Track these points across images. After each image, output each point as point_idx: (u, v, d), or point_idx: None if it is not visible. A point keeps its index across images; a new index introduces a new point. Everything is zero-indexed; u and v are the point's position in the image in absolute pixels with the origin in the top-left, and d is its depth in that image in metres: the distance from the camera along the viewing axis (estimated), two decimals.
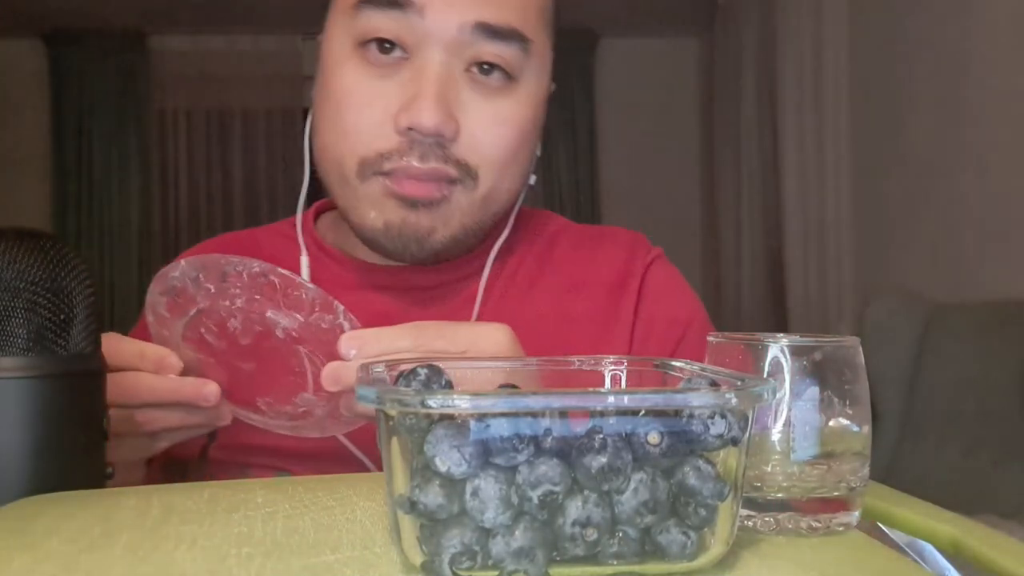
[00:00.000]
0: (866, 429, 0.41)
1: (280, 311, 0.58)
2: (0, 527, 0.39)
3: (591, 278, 0.80)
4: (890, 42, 2.65)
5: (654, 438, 0.31)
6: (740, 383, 0.34)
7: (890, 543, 0.41)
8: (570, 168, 4.09)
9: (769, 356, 0.41)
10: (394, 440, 0.33)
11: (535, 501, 0.30)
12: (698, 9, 3.80)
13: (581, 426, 0.32)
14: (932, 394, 2.05)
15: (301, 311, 0.58)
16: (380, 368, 0.39)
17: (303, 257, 0.78)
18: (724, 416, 0.32)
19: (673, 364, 0.43)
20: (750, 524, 0.40)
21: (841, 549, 0.38)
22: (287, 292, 0.58)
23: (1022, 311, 1.90)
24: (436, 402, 0.30)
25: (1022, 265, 2.07)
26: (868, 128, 2.78)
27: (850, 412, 0.41)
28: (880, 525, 0.42)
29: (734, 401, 0.32)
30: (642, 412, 0.32)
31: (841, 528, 0.40)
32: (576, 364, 0.46)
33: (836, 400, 0.41)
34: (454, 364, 0.43)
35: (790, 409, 0.40)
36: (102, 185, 3.97)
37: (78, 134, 3.95)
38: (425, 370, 0.38)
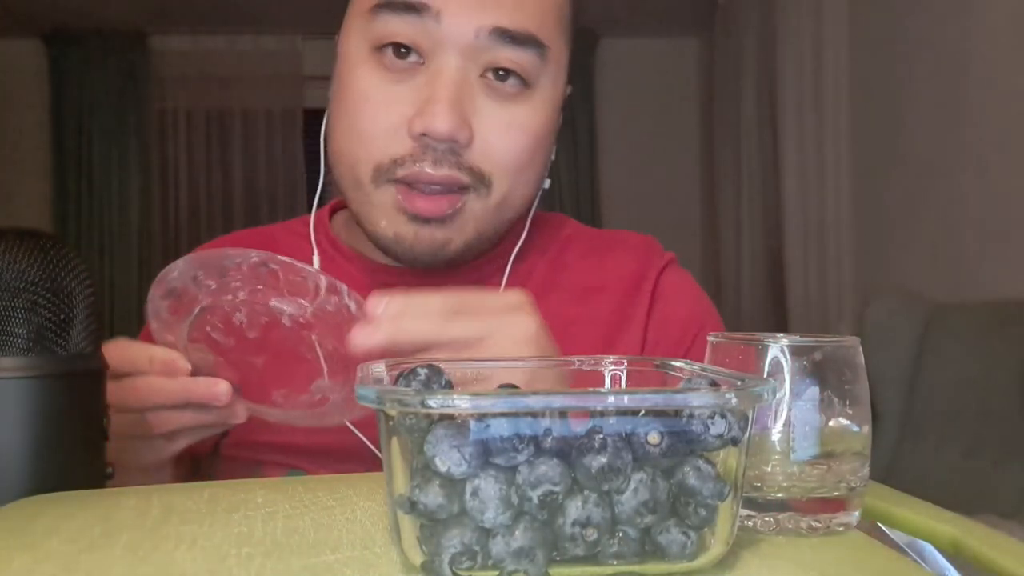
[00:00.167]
0: (866, 429, 0.41)
1: (284, 299, 0.58)
2: (0, 527, 0.39)
3: (604, 282, 0.80)
4: (890, 42, 2.64)
5: (654, 438, 0.31)
6: (740, 383, 0.34)
7: (890, 543, 0.41)
8: (570, 168, 4.09)
9: (769, 356, 0.41)
10: (394, 440, 0.33)
11: (535, 501, 0.30)
12: (698, 9, 3.80)
13: (581, 426, 0.32)
14: (932, 394, 2.05)
15: (305, 296, 0.57)
16: (380, 368, 0.39)
17: (315, 257, 0.78)
18: (724, 416, 0.32)
19: (673, 364, 0.43)
20: (750, 524, 0.40)
21: (841, 549, 0.38)
22: (289, 278, 0.57)
23: (1022, 311, 1.90)
24: (436, 402, 0.30)
25: (1022, 265, 2.07)
26: (868, 128, 2.78)
27: (850, 412, 0.41)
28: (880, 525, 0.42)
29: (734, 401, 0.32)
30: (642, 412, 0.32)
31: (841, 528, 0.40)
32: (576, 364, 0.46)
33: (836, 400, 0.41)
34: (454, 364, 0.43)
35: (790, 409, 0.40)
36: (102, 185, 3.97)
37: (78, 134, 3.95)
38: (425, 370, 0.38)
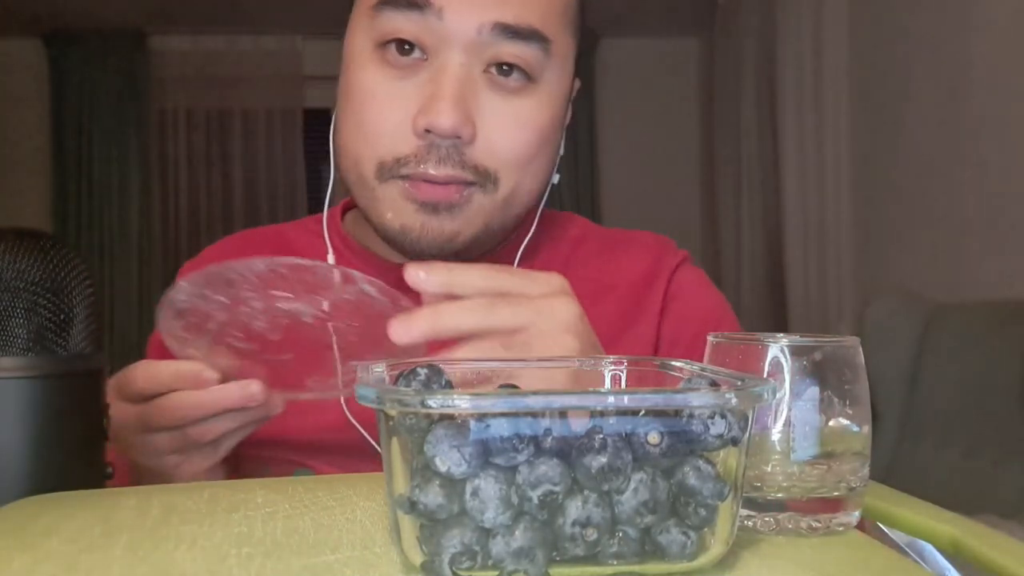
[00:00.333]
0: (866, 429, 0.41)
1: (300, 299, 0.57)
2: (0, 527, 0.39)
3: (617, 280, 0.79)
4: (890, 42, 2.64)
5: (654, 438, 0.31)
6: (740, 383, 0.34)
7: (890, 543, 0.41)
8: (570, 168, 4.09)
9: (769, 356, 0.41)
10: (394, 440, 0.33)
11: (535, 501, 0.30)
12: (698, 9, 3.80)
13: (581, 426, 0.32)
14: (932, 394, 2.05)
15: (321, 291, 0.57)
16: (380, 368, 0.39)
17: (329, 256, 0.78)
18: (724, 416, 0.32)
19: (673, 364, 0.43)
20: (750, 524, 0.40)
21: (841, 549, 0.38)
22: (299, 278, 0.56)
23: (1022, 311, 1.90)
24: (436, 402, 0.30)
25: (1022, 265, 2.07)
26: (868, 128, 2.78)
27: (850, 412, 0.41)
28: (880, 525, 0.42)
29: (734, 401, 0.32)
30: (642, 412, 0.32)
31: (841, 528, 0.40)
32: (576, 364, 0.46)
33: (836, 400, 0.41)
34: (453, 365, 0.43)
35: (790, 409, 0.40)
36: (102, 185, 3.97)
37: (78, 134, 3.95)
38: (425, 370, 0.38)
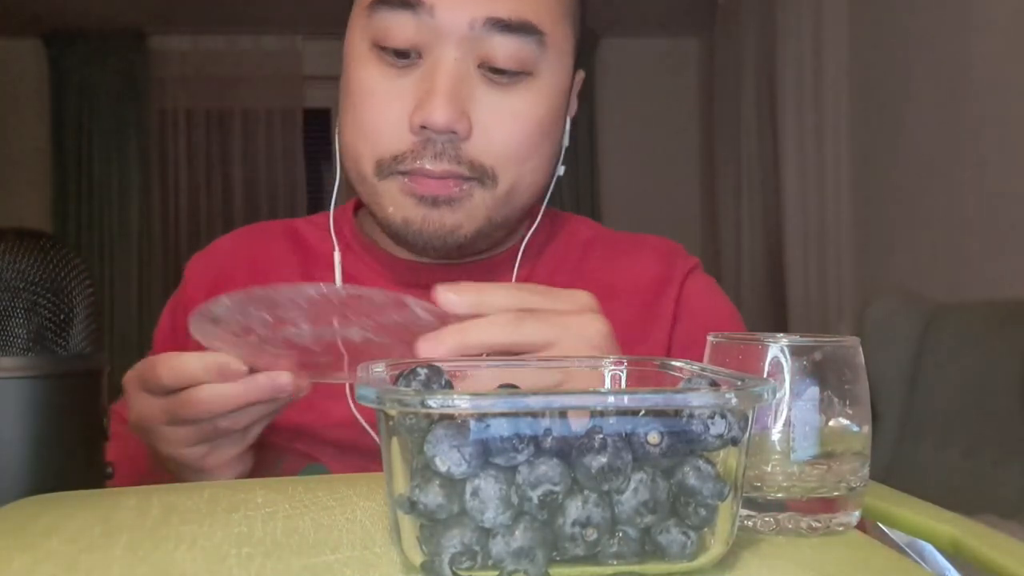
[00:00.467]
0: (866, 429, 0.41)
1: (350, 324, 0.55)
2: (0, 527, 0.39)
3: (628, 284, 0.79)
4: (890, 42, 2.64)
5: (654, 438, 0.31)
6: (740, 383, 0.34)
7: (890, 543, 0.41)
8: (570, 168, 4.05)
9: (769, 356, 0.41)
10: (394, 440, 0.33)
11: (535, 501, 0.30)
12: (698, 9, 3.80)
13: (581, 426, 0.32)
14: (932, 394, 2.05)
15: (372, 315, 0.55)
16: (380, 368, 0.39)
17: (336, 253, 0.78)
18: (724, 416, 0.32)
19: (673, 364, 0.43)
20: (750, 524, 0.40)
21: (841, 549, 0.38)
22: (352, 305, 0.55)
23: (1022, 311, 1.90)
24: (436, 402, 0.30)
25: (1022, 265, 2.07)
26: (868, 128, 2.78)
27: (850, 412, 0.41)
28: (880, 525, 0.42)
29: (734, 401, 0.32)
30: (642, 412, 0.32)
31: (841, 528, 0.40)
32: (576, 364, 0.46)
33: (836, 400, 0.41)
34: (454, 364, 0.43)
35: (790, 409, 0.40)
36: (102, 185, 3.97)
37: (78, 134, 3.95)
38: (425, 370, 0.38)
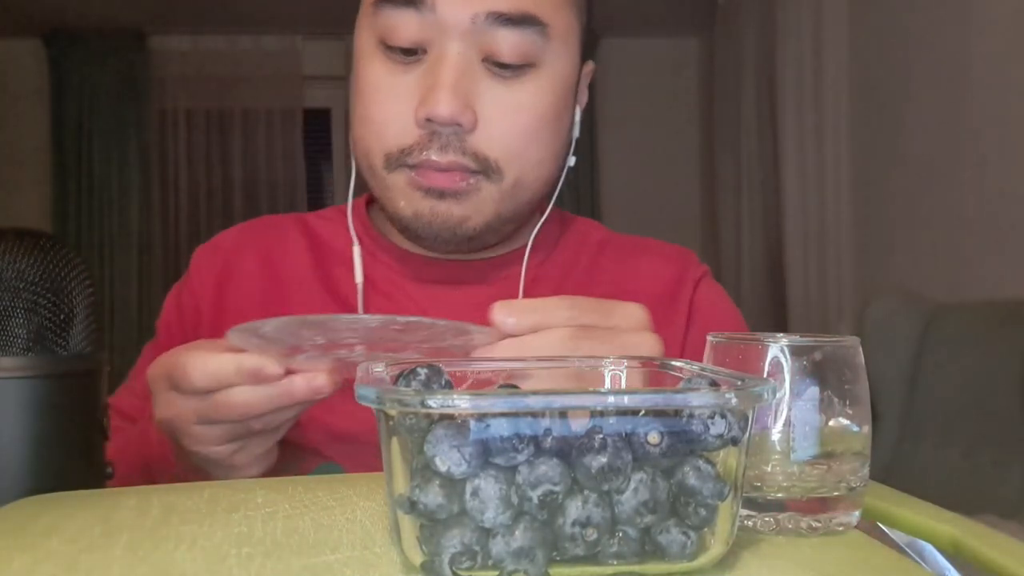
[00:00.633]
0: (866, 429, 0.41)
1: (406, 347, 0.54)
2: (0, 527, 0.39)
3: (640, 288, 0.79)
4: (890, 42, 2.64)
5: (654, 438, 0.31)
6: (740, 383, 0.34)
7: (890, 543, 0.41)
8: (570, 168, 4.08)
9: (769, 356, 0.41)
10: (394, 440, 0.33)
11: (535, 501, 0.30)
12: (698, 9, 3.80)
13: (581, 426, 0.32)
14: (932, 394, 2.05)
15: (429, 341, 0.54)
16: (380, 368, 0.39)
17: (355, 247, 0.78)
18: (724, 416, 0.32)
19: (673, 364, 0.43)
20: (750, 524, 0.40)
21: (841, 549, 0.38)
22: (412, 331, 0.53)
23: (1022, 311, 1.90)
24: (436, 402, 0.30)
25: (1022, 265, 2.07)
26: (868, 128, 2.78)
27: (850, 412, 0.41)
28: (880, 525, 0.42)
29: (734, 401, 0.32)
30: (642, 412, 0.32)
31: (841, 528, 0.40)
32: (576, 364, 0.46)
33: (836, 400, 0.41)
34: (454, 365, 0.43)
35: (790, 409, 0.40)
36: (102, 185, 3.97)
37: (78, 134, 3.95)
38: (425, 370, 0.38)
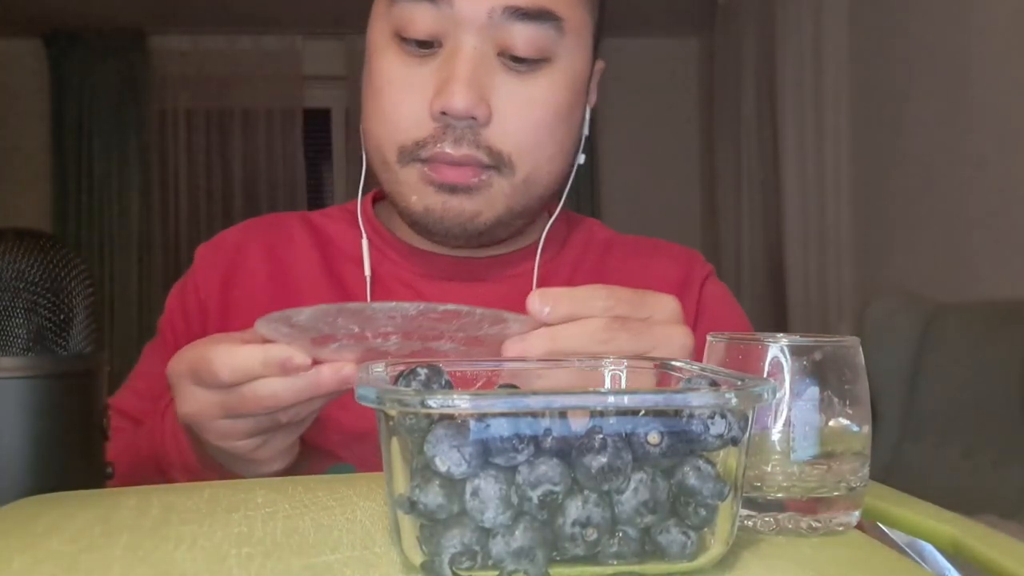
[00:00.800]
0: (866, 429, 0.41)
1: (441, 336, 0.54)
2: (0, 527, 0.39)
3: (649, 286, 0.78)
4: (890, 42, 2.64)
5: (654, 438, 0.31)
6: (740, 383, 0.34)
7: (890, 543, 0.41)
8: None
9: (769, 356, 0.41)
10: (394, 440, 0.33)
11: (535, 501, 0.30)
12: (698, 9, 3.80)
13: (581, 426, 0.32)
14: (932, 394, 2.05)
15: (465, 330, 0.54)
16: (380, 368, 0.39)
17: (364, 242, 0.78)
18: (724, 416, 0.32)
19: (673, 364, 0.43)
20: (750, 524, 0.40)
21: (841, 549, 0.38)
22: (449, 319, 0.53)
23: (1022, 311, 1.90)
24: (436, 402, 0.30)
25: (1022, 265, 2.07)
26: (868, 128, 2.78)
27: (850, 412, 0.41)
28: (880, 525, 0.42)
29: (734, 401, 0.32)
30: (642, 412, 0.32)
31: (841, 528, 0.40)
32: (576, 364, 0.46)
33: (836, 400, 0.41)
34: (453, 365, 0.43)
35: (790, 409, 0.40)
36: (102, 185, 3.97)
37: (78, 134, 3.95)
38: (425, 370, 0.38)
